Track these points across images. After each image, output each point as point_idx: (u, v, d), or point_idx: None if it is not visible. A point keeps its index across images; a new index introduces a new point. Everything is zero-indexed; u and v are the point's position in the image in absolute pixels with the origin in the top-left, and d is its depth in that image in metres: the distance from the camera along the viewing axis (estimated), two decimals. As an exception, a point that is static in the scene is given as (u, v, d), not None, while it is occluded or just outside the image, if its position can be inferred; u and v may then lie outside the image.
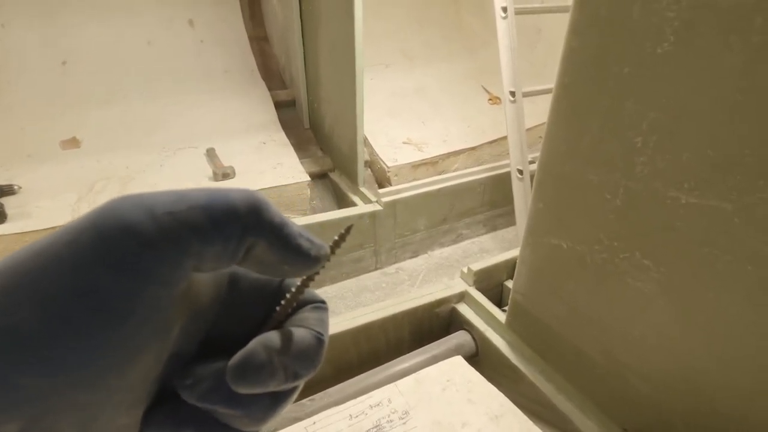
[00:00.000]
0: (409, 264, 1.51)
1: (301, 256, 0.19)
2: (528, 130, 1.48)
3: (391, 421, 0.66)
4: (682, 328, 0.57)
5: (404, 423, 0.66)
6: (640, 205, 0.59)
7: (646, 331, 0.62)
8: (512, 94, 1.26)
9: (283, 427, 0.71)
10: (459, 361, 0.79)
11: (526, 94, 1.29)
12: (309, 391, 0.86)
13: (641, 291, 0.61)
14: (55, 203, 1.24)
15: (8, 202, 1.22)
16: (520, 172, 1.30)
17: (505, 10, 1.23)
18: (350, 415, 0.67)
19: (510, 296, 0.88)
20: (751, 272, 0.48)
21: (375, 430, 0.65)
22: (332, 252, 0.22)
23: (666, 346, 0.60)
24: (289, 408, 0.86)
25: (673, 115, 0.53)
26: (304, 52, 1.69)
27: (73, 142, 1.46)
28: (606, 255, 0.65)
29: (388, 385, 0.73)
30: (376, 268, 1.47)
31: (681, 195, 0.54)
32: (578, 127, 0.65)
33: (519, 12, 1.25)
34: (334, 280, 1.40)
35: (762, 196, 0.46)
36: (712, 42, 0.47)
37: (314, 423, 0.67)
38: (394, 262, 1.50)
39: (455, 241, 1.62)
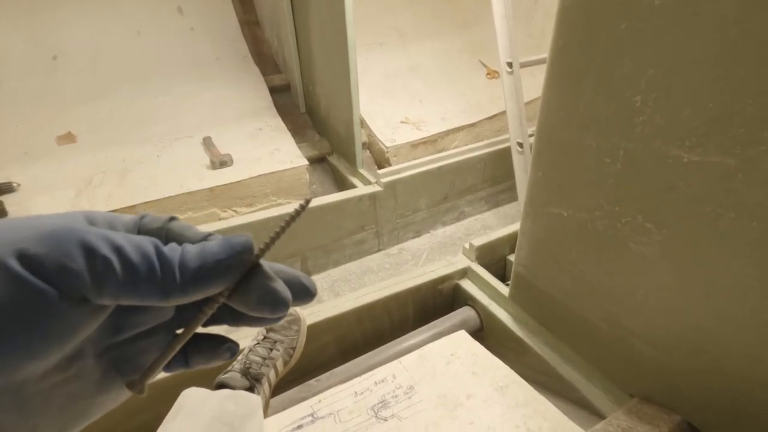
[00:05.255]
0: (411, 244, 1.51)
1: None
2: (528, 103, 1.45)
3: (396, 396, 0.66)
4: (685, 289, 0.56)
5: (409, 398, 0.66)
6: (641, 167, 0.57)
7: (649, 294, 0.61)
8: (509, 65, 1.23)
9: (290, 406, 0.72)
10: (463, 335, 0.79)
11: (523, 65, 1.26)
12: (315, 372, 0.86)
13: (644, 255, 0.60)
14: (54, 199, 1.24)
15: (8, 199, 1.23)
16: (520, 145, 1.27)
17: (498, -23, 1.19)
18: (355, 392, 0.68)
19: (512, 269, 0.87)
20: (755, 228, 0.47)
21: (380, 405, 0.65)
22: (281, 232, 0.20)
23: (669, 307, 0.59)
24: (296, 389, 0.86)
25: (672, 70, 0.51)
26: (296, 34, 1.66)
27: (68, 137, 1.45)
28: (607, 221, 0.64)
29: (393, 362, 0.73)
30: (379, 250, 1.47)
31: (682, 153, 0.52)
32: (574, 90, 0.63)
33: (513, -21, 1.21)
34: (337, 264, 1.40)
35: (765, 149, 0.44)
36: (711, -12, 0.45)
37: (320, 401, 0.67)
38: (397, 243, 1.50)
39: (457, 219, 1.61)
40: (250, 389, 0.60)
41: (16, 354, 0.15)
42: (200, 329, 0.21)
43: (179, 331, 0.20)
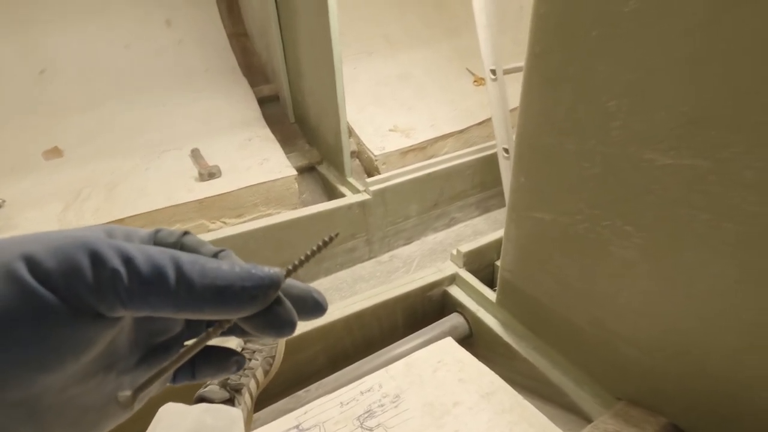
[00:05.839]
0: (403, 251, 1.50)
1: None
2: (513, 110, 1.46)
3: (382, 405, 0.66)
4: (666, 291, 0.57)
5: (396, 406, 0.65)
6: (618, 171, 0.58)
7: (631, 296, 0.61)
8: (493, 72, 1.25)
9: (278, 417, 0.71)
10: (449, 342, 0.79)
11: (507, 72, 1.27)
12: (304, 383, 0.85)
13: (624, 257, 0.60)
14: (41, 214, 1.23)
15: (-7, 215, 1.22)
16: (506, 150, 1.28)
17: (481, -14, 1.21)
18: (341, 403, 0.67)
19: (498, 274, 0.87)
20: (729, 229, 0.48)
21: (366, 415, 0.64)
22: (304, 261, 0.20)
23: (651, 310, 0.59)
24: (284, 400, 0.85)
25: (645, 75, 0.51)
26: (283, 45, 1.67)
27: (55, 152, 1.45)
28: (588, 224, 0.64)
29: (380, 371, 0.73)
30: (370, 258, 1.46)
31: (657, 156, 0.52)
32: (552, 96, 0.63)
33: (495, -12, 1.22)
34: (328, 272, 1.40)
35: (736, 151, 0.45)
36: (677, -6, 0.46)
37: (305, 413, 0.66)
38: (388, 250, 1.49)
39: (448, 225, 1.61)
40: (231, 401, 0.60)
41: (29, 366, 0.15)
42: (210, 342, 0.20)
43: (188, 344, 0.20)
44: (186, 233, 0.21)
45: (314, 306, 0.20)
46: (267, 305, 0.18)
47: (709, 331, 0.54)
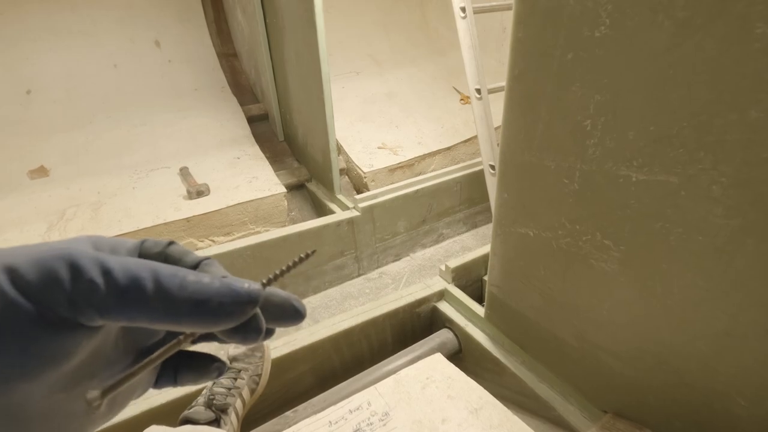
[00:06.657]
0: (392, 267, 1.51)
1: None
2: (498, 127, 1.49)
3: (371, 423, 0.65)
4: (645, 303, 0.58)
5: (384, 425, 0.65)
6: (596, 187, 0.60)
7: (613, 309, 0.63)
8: (478, 91, 1.28)
9: (265, 440, 0.70)
10: (438, 358, 0.79)
11: (491, 91, 1.31)
12: (293, 403, 0.84)
13: (605, 271, 0.62)
14: (24, 233, 1.21)
15: (-25, 236, 1.20)
16: (492, 167, 1.31)
17: (464, 10, 1.26)
18: (330, 422, 0.66)
19: (486, 289, 0.88)
20: (701, 242, 0.49)
21: (355, 434, 0.64)
22: (277, 277, 0.20)
23: (632, 322, 0.61)
24: (272, 421, 0.84)
25: (615, 96, 0.54)
26: (272, 65, 1.70)
27: (41, 171, 1.44)
28: (570, 239, 0.66)
29: (368, 388, 0.72)
30: (359, 275, 1.46)
31: (631, 173, 0.55)
32: (532, 115, 0.66)
33: (477, 11, 1.27)
34: (317, 290, 1.39)
35: (702, 167, 0.47)
36: (643, 21, 0.48)
37: (293, 433, 0.66)
38: (377, 267, 1.50)
39: (437, 241, 1.62)
40: (216, 421, 0.59)
41: (10, 373, 0.15)
42: (191, 347, 0.20)
43: (162, 350, 0.20)
44: (171, 243, 0.21)
45: (293, 314, 0.21)
46: (244, 321, 0.18)
47: (684, 341, 0.56)
